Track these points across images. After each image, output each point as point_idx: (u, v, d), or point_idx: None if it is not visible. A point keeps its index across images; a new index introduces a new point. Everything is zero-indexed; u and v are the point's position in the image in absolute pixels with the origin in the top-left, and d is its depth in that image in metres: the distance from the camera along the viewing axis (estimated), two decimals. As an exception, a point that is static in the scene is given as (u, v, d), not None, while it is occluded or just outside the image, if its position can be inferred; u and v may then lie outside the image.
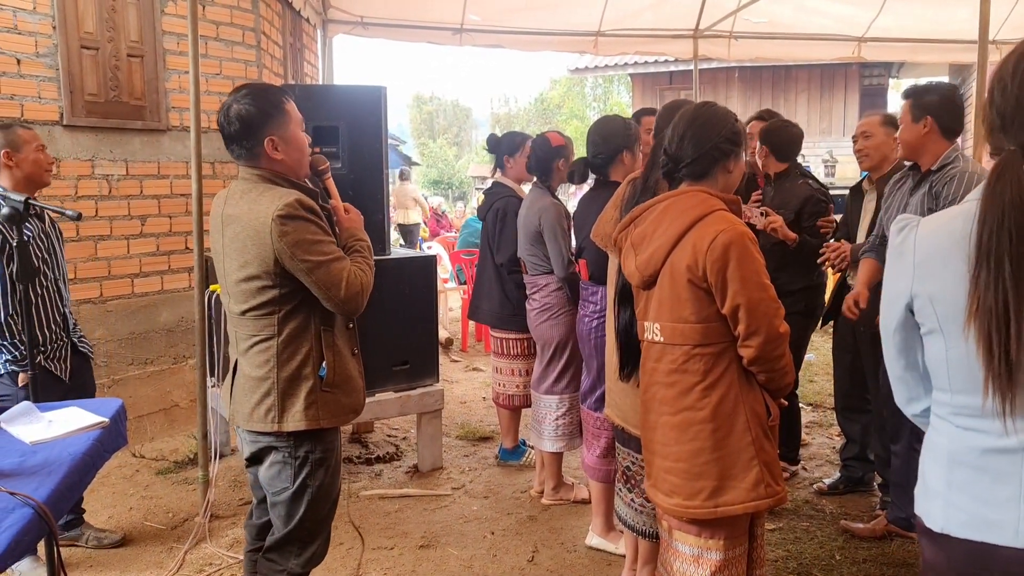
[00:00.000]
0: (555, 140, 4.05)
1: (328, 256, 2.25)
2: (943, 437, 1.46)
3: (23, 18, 4.32)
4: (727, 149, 2.24)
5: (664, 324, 2.23)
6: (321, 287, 2.24)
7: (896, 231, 1.52)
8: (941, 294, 1.40)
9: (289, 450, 2.35)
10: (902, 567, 3.29)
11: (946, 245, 1.40)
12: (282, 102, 2.32)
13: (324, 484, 2.41)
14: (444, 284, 8.73)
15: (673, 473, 2.23)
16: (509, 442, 4.64)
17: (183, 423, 5.15)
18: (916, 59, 8.57)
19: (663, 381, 2.25)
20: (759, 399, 2.21)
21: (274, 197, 2.23)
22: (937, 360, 1.45)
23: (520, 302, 4.19)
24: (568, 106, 35.03)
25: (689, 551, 2.26)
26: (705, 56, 7.64)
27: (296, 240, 2.19)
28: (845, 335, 3.95)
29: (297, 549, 2.42)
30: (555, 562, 3.45)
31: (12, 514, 1.74)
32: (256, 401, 2.32)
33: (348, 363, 2.43)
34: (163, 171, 5.05)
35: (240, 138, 2.28)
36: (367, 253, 2.44)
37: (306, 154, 2.39)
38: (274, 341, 2.30)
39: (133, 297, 4.93)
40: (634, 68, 15.89)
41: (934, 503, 1.46)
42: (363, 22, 6.92)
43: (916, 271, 1.45)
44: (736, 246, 2.09)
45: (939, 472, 1.45)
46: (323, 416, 2.34)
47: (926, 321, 1.45)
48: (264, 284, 2.26)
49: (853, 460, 4.07)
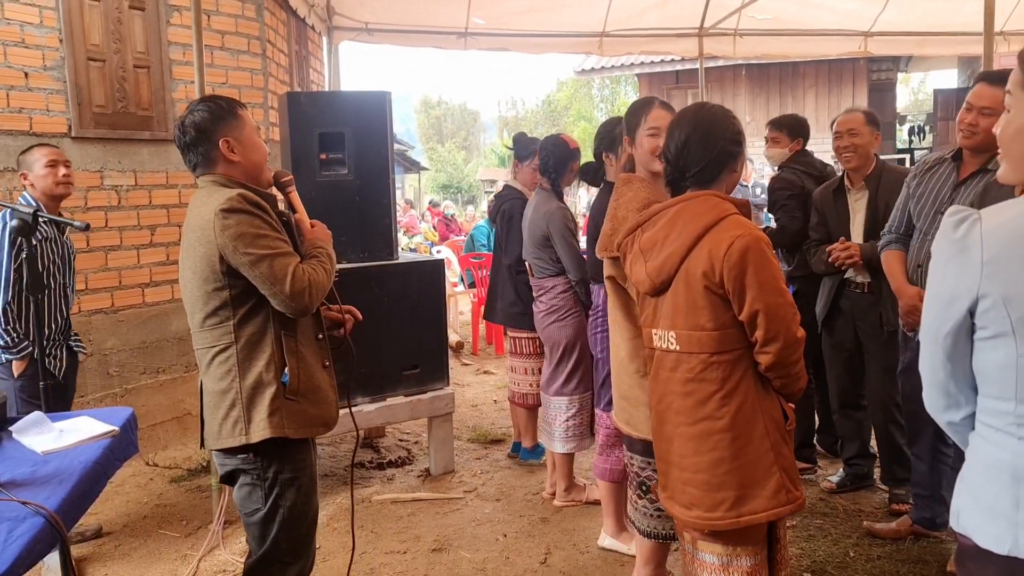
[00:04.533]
0: (572, 143, 4.10)
1: (273, 250, 2.18)
2: (1003, 451, 1.34)
3: (30, 32, 4.35)
4: (733, 151, 2.21)
5: (680, 332, 2.18)
6: (266, 281, 2.17)
7: (954, 223, 1.36)
8: (1018, 294, 1.28)
9: (258, 472, 2.29)
10: (917, 564, 3.26)
11: (1023, 240, 1.28)
12: (235, 107, 2.31)
13: (296, 504, 2.33)
14: (454, 288, 8.75)
15: (693, 484, 2.19)
16: (528, 441, 4.65)
17: (196, 431, 5.12)
18: (923, 52, 8.52)
19: (679, 391, 2.21)
20: (776, 404, 2.18)
21: (221, 196, 2.20)
22: (1001, 366, 1.33)
23: (531, 301, 4.21)
24: (575, 108, 35.06)
25: (716, 560, 2.22)
26: (711, 54, 7.63)
27: (238, 233, 2.15)
28: (845, 334, 3.85)
29: (279, 570, 2.36)
30: (568, 564, 3.45)
31: (24, 523, 1.75)
32: (223, 416, 2.26)
33: (315, 373, 2.35)
34: (171, 181, 5.08)
35: (195, 144, 2.27)
36: (325, 259, 2.36)
37: (264, 158, 2.37)
38: (233, 349, 2.23)
39: (144, 307, 4.96)
40: (640, 68, 15.88)
41: (995, 523, 1.33)
42: (368, 28, 6.94)
43: (985, 269, 1.31)
44: (753, 251, 2.05)
45: (1000, 490, 1.33)
46: (288, 425, 2.25)
47: (992, 324, 1.32)
48: (214, 286, 2.20)
49: (856, 458, 4.04)
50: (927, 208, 3.13)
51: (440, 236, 14.40)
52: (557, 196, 4.05)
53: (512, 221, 4.39)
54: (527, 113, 40.96)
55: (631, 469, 2.80)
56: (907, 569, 3.23)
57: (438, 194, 29.46)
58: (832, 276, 3.83)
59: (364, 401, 4.22)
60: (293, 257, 2.24)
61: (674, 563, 3.27)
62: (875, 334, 3.69)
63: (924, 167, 3.24)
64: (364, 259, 4.25)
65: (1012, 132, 1.41)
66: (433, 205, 18.69)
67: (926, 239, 3.08)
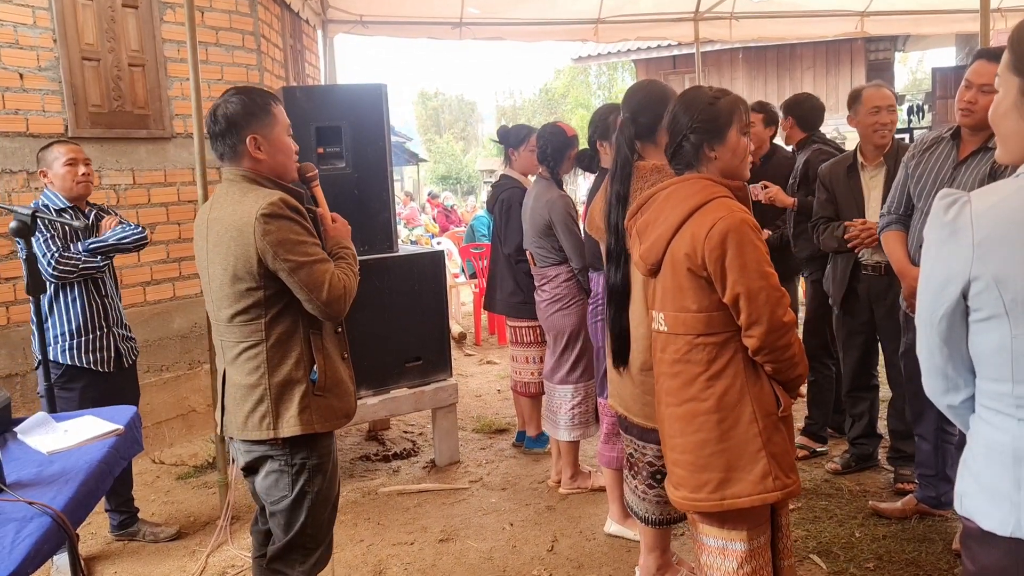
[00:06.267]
0: (569, 130, 4.10)
1: (311, 257, 2.22)
2: (1004, 433, 1.34)
3: (24, 32, 4.34)
4: (703, 132, 2.17)
5: (668, 313, 2.21)
6: (304, 288, 2.21)
7: (944, 206, 1.36)
8: (1010, 275, 1.27)
9: (285, 458, 2.33)
10: (923, 542, 3.27)
11: (1013, 221, 1.27)
12: (269, 104, 2.31)
13: (322, 490, 2.39)
14: (455, 279, 8.76)
15: (679, 465, 2.21)
16: (532, 430, 4.66)
17: (201, 428, 5.18)
18: (920, 31, 8.50)
19: (667, 371, 2.23)
20: (767, 389, 2.15)
21: (258, 197, 2.21)
22: (996, 348, 1.32)
23: (531, 290, 4.21)
24: (573, 95, 34.94)
25: (715, 543, 2.23)
26: (707, 39, 7.62)
27: (280, 239, 2.17)
28: (860, 315, 3.82)
29: (301, 557, 2.40)
30: (574, 551, 3.46)
31: (31, 523, 1.75)
32: (249, 409, 2.30)
33: (338, 367, 2.40)
34: (170, 179, 5.08)
35: (224, 136, 2.28)
36: (351, 260, 2.41)
37: (291, 158, 2.37)
38: (263, 346, 2.27)
39: (146, 305, 4.97)
40: (636, 54, 15.82)
41: (998, 505, 1.33)
42: (363, 21, 6.93)
43: (976, 251, 1.30)
44: (734, 234, 2.04)
45: (1001, 472, 1.33)
46: (317, 420, 2.31)
47: (985, 306, 1.31)
48: (248, 286, 2.23)
49: (862, 438, 4.05)
50: (927, 188, 3.10)
51: (440, 227, 14.41)
52: (557, 184, 4.04)
53: (510, 211, 4.38)
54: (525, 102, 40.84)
55: (640, 459, 2.79)
56: (912, 548, 3.24)
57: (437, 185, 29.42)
58: (843, 256, 3.80)
59: (368, 394, 4.22)
60: (329, 263, 2.28)
61: (679, 547, 3.29)
62: (892, 315, 3.64)
63: (922, 146, 3.21)
64: (364, 252, 4.23)
65: (1000, 113, 1.41)
66: (432, 197, 18.65)
67: (927, 219, 3.06)
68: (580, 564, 3.34)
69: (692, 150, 2.21)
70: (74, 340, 3.45)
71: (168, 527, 3.80)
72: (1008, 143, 1.41)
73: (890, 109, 3.63)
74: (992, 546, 1.35)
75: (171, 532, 3.76)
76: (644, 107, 2.71)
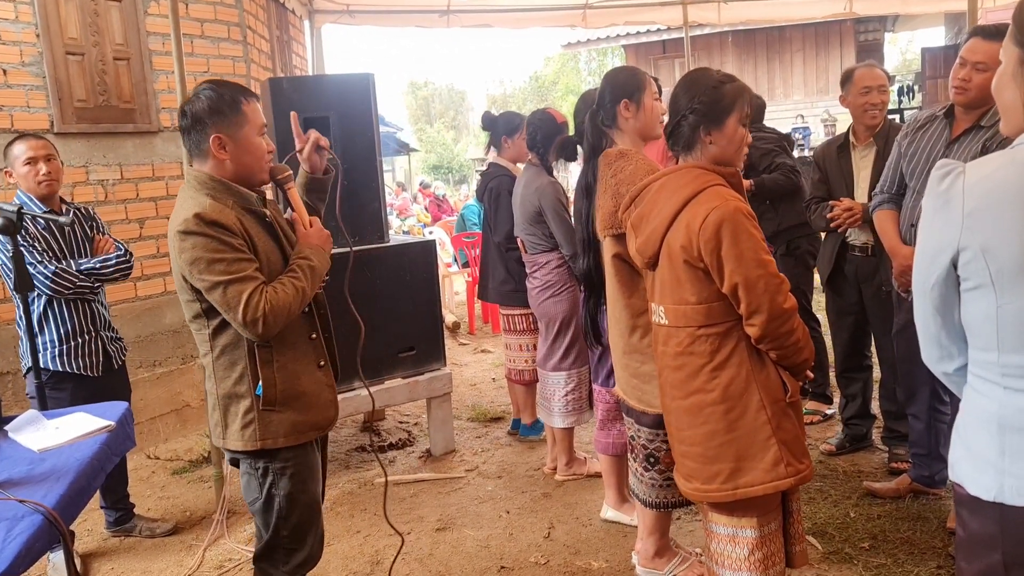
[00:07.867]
0: (559, 117, 4.07)
1: (228, 276, 2.08)
2: (991, 401, 1.37)
3: (5, 28, 4.30)
4: (703, 114, 2.14)
5: (668, 307, 2.19)
6: (220, 307, 2.12)
7: (939, 177, 1.38)
8: (996, 246, 1.30)
9: (250, 461, 2.30)
10: (917, 521, 3.29)
11: (1002, 193, 1.30)
12: (239, 101, 2.18)
13: (292, 493, 2.31)
14: (448, 268, 8.74)
15: (689, 457, 2.20)
16: (527, 417, 4.67)
17: (195, 422, 5.17)
18: (908, 11, 8.49)
19: (671, 364, 2.21)
20: (772, 376, 2.12)
21: (191, 207, 2.11)
22: (983, 317, 1.35)
23: (522, 278, 4.20)
24: (563, 82, 34.86)
25: (724, 531, 2.23)
26: (696, 22, 7.60)
27: (193, 258, 2.09)
28: (849, 296, 3.84)
29: (284, 556, 2.36)
30: (571, 537, 3.47)
31: (22, 522, 1.75)
32: (209, 413, 2.32)
33: (301, 379, 2.28)
34: (158, 173, 5.05)
35: (189, 132, 2.20)
36: (302, 274, 2.22)
37: (261, 160, 2.24)
38: (210, 357, 2.23)
39: (137, 300, 4.95)
40: (626, 39, 15.80)
41: (983, 471, 1.37)
42: (349, 10, 6.89)
43: (966, 221, 1.33)
44: (729, 223, 2.01)
45: (987, 438, 1.37)
46: (264, 436, 2.23)
47: (973, 276, 1.34)
48: (187, 297, 2.19)
49: (856, 418, 4.06)
50: (919, 167, 3.09)
51: (432, 217, 14.37)
52: (547, 171, 4.03)
53: (500, 199, 4.37)
54: (515, 90, 40.72)
55: (637, 442, 2.80)
56: (907, 526, 3.26)
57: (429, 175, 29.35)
58: (831, 235, 3.82)
59: (362, 385, 4.20)
60: (250, 282, 2.10)
61: (676, 531, 3.29)
62: (879, 296, 3.67)
63: (915, 125, 3.20)
64: (355, 243, 4.22)
65: (1002, 84, 1.43)
66: (424, 186, 18.58)
67: (919, 198, 3.06)
68: (577, 550, 3.35)
69: (689, 132, 2.18)
70: (63, 346, 3.40)
71: (164, 522, 3.80)
72: (1008, 114, 1.43)
73: (881, 89, 3.61)
74: (979, 511, 1.39)
75: (167, 527, 3.76)
76: (607, 93, 2.75)
